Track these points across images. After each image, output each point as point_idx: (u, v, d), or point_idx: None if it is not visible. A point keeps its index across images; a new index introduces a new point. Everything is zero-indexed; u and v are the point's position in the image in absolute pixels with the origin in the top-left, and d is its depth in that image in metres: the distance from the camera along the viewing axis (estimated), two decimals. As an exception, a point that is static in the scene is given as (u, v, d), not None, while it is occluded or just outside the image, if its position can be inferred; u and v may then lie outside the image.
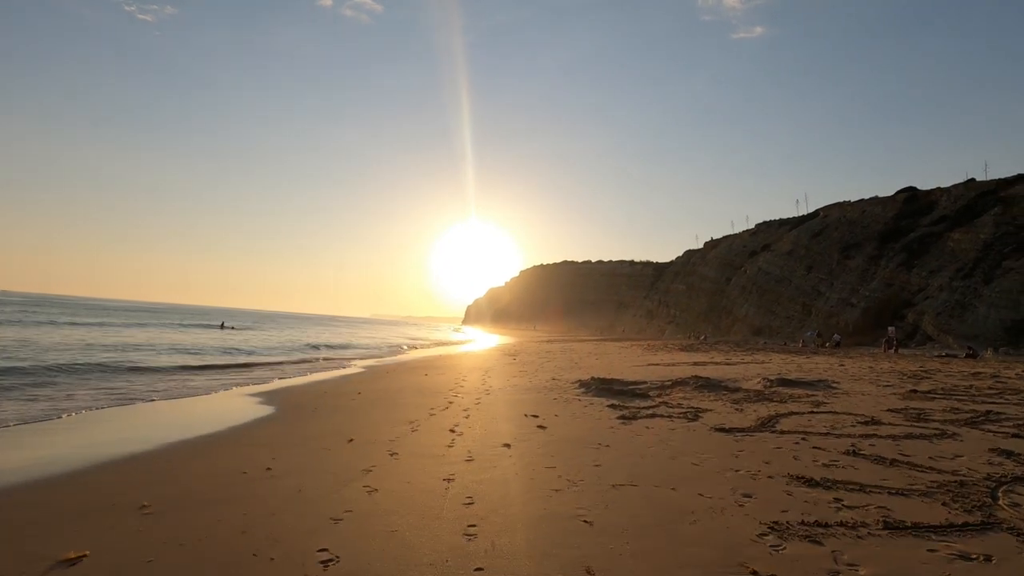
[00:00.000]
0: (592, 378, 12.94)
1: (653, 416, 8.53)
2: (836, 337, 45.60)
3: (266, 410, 10.29)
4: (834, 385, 11.61)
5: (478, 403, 10.55)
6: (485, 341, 55.80)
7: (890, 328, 46.66)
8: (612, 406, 9.56)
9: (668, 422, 8.11)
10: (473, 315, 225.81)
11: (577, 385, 12.36)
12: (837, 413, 8.39)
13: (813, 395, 10.25)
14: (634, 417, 8.48)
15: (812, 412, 8.51)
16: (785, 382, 11.75)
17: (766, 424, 7.68)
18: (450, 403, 10.65)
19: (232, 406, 11.06)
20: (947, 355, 27.66)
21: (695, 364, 17.84)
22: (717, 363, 18.21)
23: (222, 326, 60.97)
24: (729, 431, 7.34)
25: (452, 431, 7.89)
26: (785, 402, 9.52)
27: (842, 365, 16.61)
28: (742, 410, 8.90)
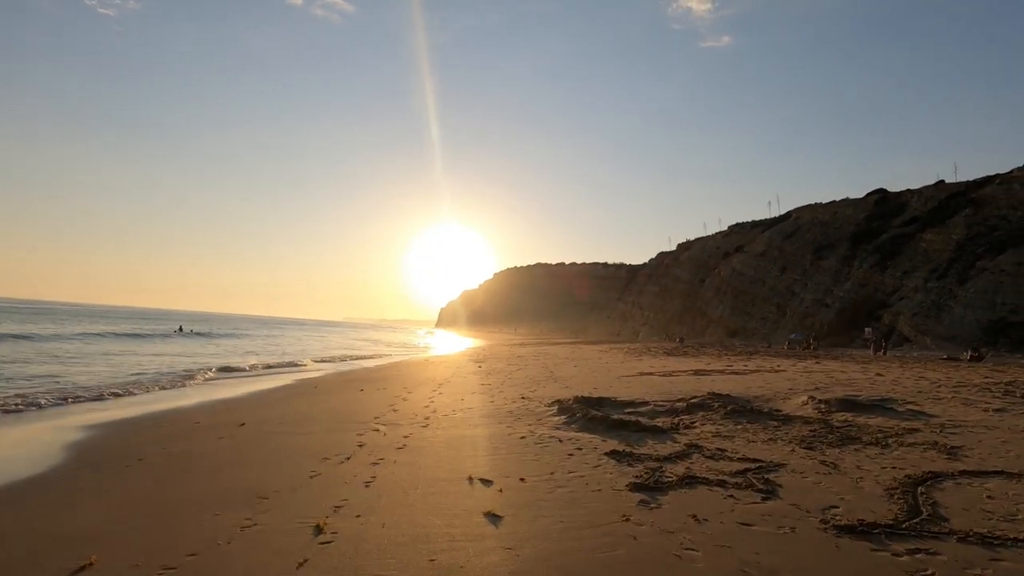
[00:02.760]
0: (576, 399, 9.05)
1: (690, 481, 4.68)
2: (806, 338, 43.16)
3: (41, 465, 6.05)
4: (915, 407, 8.00)
5: (404, 445, 6.55)
6: (454, 345, 51.59)
7: (867, 329, 44.30)
8: (615, 455, 5.68)
9: (725, 499, 4.26)
10: (447, 318, 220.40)
11: (556, 410, 8.44)
12: (1011, 475, 4.67)
13: (913, 429, 6.56)
14: (659, 485, 4.61)
15: (965, 474, 4.76)
16: (846, 404, 8.08)
17: (918, 510, 3.90)
18: (361, 445, 6.62)
19: (6, 453, 6.77)
20: (949, 357, 24.81)
21: (696, 374, 14.14)
22: (722, 372, 14.57)
23: (179, 330, 55.44)
24: (870, 534, 3.52)
25: (320, 528, 3.88)
26: (886, 445, 5.79)
27: (880, 375, 13.14)
28: (835, 465, 5.11)
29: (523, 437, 6.72)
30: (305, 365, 22.31)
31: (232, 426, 8.28)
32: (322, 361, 24.85)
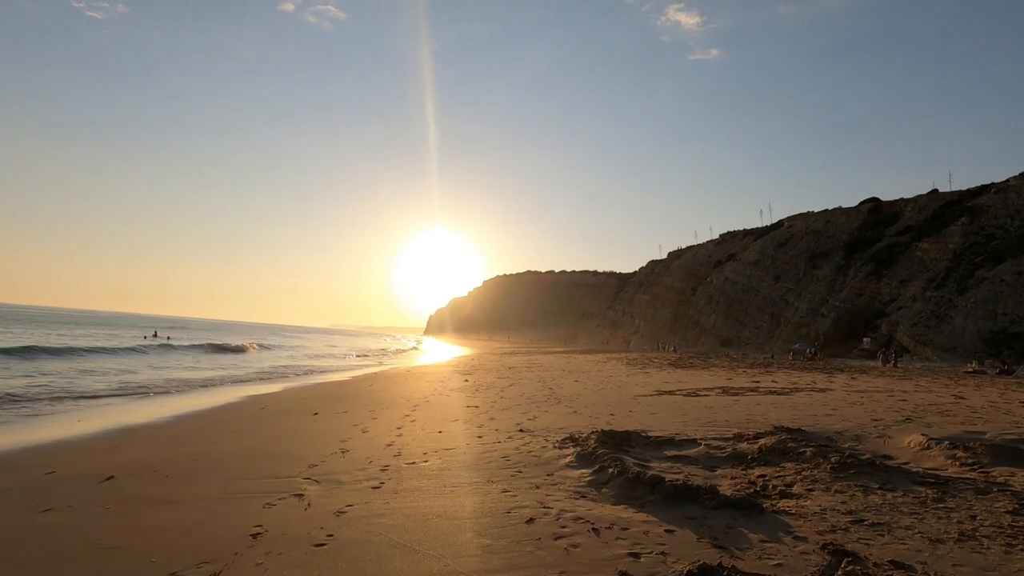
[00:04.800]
0: (596, 435, 6.30)
1: None
2: (810, 349, 41.10)
3: None
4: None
5: (329, 537, 3.75)
6: (440, 354, 48.57)
7: (865, 339, 42.36)
8: (708, 576, 2.96)
9: None
10: (435, 325, 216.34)
11: (572, 456, 5.69)
12: None
13: None
14: None
15: None
16: (997, 451, 5.46)
17: None
18: (258, 534, 3.82)
19: None
20: (975, 371, 22.53)
21: (725, 392, 11.50)
22: (754, 390, 11.96)
23: (155, 335, 51.84)
24: None
25: None
26: None
27: (962, 398, 10.61)
28: None
29: (531, 520, 3.95)
30: (266, 377, 19.30)
31: (90, 481, 5.42)
32: (287, 372, 21.82)
